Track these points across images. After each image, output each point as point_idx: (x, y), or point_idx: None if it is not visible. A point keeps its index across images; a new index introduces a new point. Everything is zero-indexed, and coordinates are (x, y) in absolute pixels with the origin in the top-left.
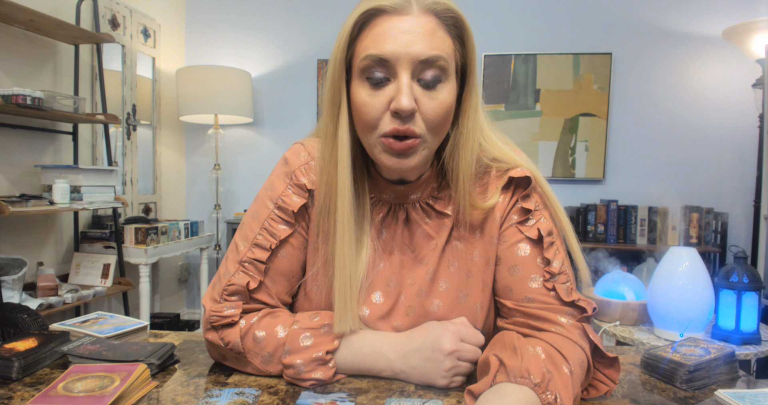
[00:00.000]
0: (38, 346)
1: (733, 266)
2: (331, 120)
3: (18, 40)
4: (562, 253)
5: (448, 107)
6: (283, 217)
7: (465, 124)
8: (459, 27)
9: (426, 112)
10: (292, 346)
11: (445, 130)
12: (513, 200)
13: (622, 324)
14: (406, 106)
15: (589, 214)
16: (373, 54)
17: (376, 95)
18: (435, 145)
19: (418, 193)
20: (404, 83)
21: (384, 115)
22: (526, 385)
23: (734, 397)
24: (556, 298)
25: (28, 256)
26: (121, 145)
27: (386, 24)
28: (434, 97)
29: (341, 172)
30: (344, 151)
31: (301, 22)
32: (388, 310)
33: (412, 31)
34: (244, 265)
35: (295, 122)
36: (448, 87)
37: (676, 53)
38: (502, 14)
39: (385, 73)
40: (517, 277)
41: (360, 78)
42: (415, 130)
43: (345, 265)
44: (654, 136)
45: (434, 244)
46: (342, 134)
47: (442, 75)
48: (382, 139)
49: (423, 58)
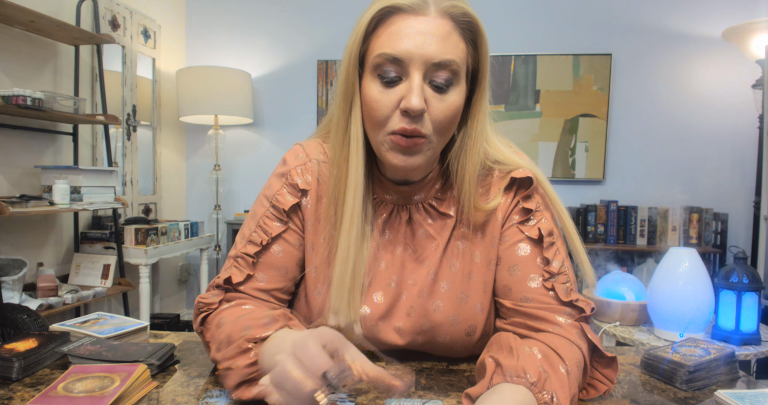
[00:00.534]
0: (38, 346)
1: (733, 267)
2: (343, 113)
3: (18, 40)
4: (562, 254)
5: (456, 110)
6: (276, 214)
7: (474, 127)
8: (474, 31)
9: (435, 113)
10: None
11: (450, 132)
12: (515, 201)
13: (622, 324)
14: (416, 106)
15: (589, 215)
16: (387, 53)
17: (387, 93)
18: (440, 147)
19: (421, 194)
20: (416, 83)
21: (394, 114)
22: (522, 385)
23: (734, 398)
24: (554, 298)
25: (28, 256)
26: (121, 145)
27: (402, 23)
28: (444, 100)
29: (353, 164)
30: (356, 144)
31: (301, 23)
32: (389, 310)
33: (427, 33)
34: (237, 260)
35: (295, 123)
36: (458, 90)
37: (676, 54)
38: (502, 14)
39: (397, 72)
40: (516, 277)
41: (372, 74)
42: (422, 131)
43: (348, 257)
44: (654, 137)
45: (436, 245)
46: (354, 128)
47: (454, 78)
48: (390, 137)
49: (436, 61)
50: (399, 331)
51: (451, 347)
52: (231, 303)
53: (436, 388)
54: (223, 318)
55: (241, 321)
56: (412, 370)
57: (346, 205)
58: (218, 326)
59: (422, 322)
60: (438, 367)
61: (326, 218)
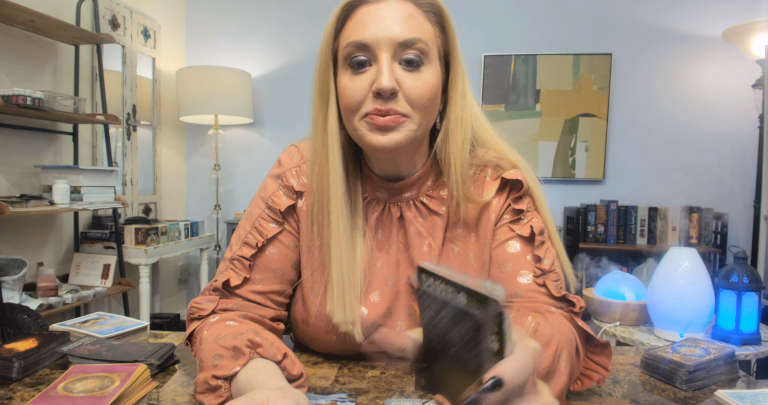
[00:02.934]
0: (38, 346)
1: (733, 266)
2: (321, 111)
3: (18, 40)
4: (553, 253)
5: (432, 88)
6: (272, 216)
7: (454, 111)
8: (438, 14)
9: (409, 91)
10: (205, 361)
11: (431, 110)
12: (507, 202)
13: (622, 324)
14: (386, 85)
15: (589, 215)
16: (353, 40)
17: (358, 79)
18: (424, 126)
19: (412, 191)
20: (384, 64)
21: (366, 98)
22: None
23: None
24: (546, 293)
25: (28, 256)
26: (121, 145)
27: (365, 12)
28: (417, 78)
29: (332, 161)
30: (334, 140)
31: (301, 23)
32: (388, 311)
33: (390, 17)
34: (233, 262)
35: (295, 123)
36: (431, 69)
37: (676, 54)
38: (502, 14)
39: (366, 56)
40: (506, 274)
41: (344, 66)
42: (397, 109)
43: (341, 255)
44: (654, 137)
45: (427, 244)
46: (331, 125)
47: (424, 57)
48: (364, 119)
49: (401, 40)
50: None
51: None
52: (217, 318)
53: None
54: (205, 336)
55: (214, 347)
56: (411, 369)
57: (331, 202)
58: (200, 343)
59: None
60: None
61: (314, 218)
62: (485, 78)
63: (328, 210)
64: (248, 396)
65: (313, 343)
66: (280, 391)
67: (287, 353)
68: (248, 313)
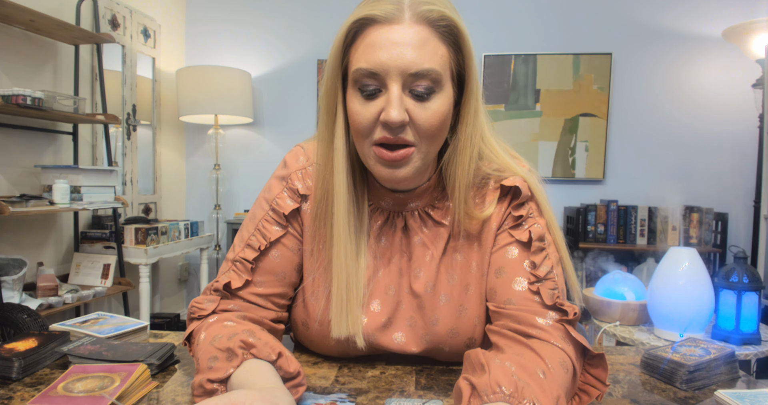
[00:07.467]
0: (38, 346)
1: (733, 266)
2: (327, 126)
3: (18, 40)
4: (552, 261)
5: (441, 117)
6: (275, 218)
7: (464, 130)
8: (454, 34)
9: (419, 122)
10: (201, 363)
11: (440, 138)
12: (508, 210)
13: (622, 324)
14: (394, 118)
15: (589, 215)
16: (363, 67)
17: (367, 106)
18: (432, 153)
19: (417, 201)
20: (394, 95)
21: (376, 126)
22: (500, 401)
23: (734, 398)
24: (539, 301)
25: (28, 256)
26: (121, 145)
27: (377, 34)
28: (427, 108)
29: (338, 178)
30: (340, 157)
31: (301, 22)
32: (388, 320)
33: (402, 43)
34: (236, 264)
35: (295, 122)
36: (442, 97)
37: (676, 53)
38: (502, 14)
39: (376, 85)
40: (502, 280)
41: (353, 87)
42: (407, 138)
43: (342, 271)
44: (654, 136)
45: (430, 254)
46: (338, 141)
47: (435, 86)
48: (373, 149)
49: (413, 72)
50: (400, 342)
51: (452, 357)
52: (216, 318)
53: (436, 388)
54: (202, 337)
55: (210, 349)
56: (411, 370)
57: (335, 218)
58: (197, 344)
59: (422, 334)
60: (438, 367)
61: (316, 231)
62: (485, 78)
63: (331, 224)
64: (225, 396)
65: (313, 345)
66: (259, 392)
67: (282, 352)
68: (248, 314)
